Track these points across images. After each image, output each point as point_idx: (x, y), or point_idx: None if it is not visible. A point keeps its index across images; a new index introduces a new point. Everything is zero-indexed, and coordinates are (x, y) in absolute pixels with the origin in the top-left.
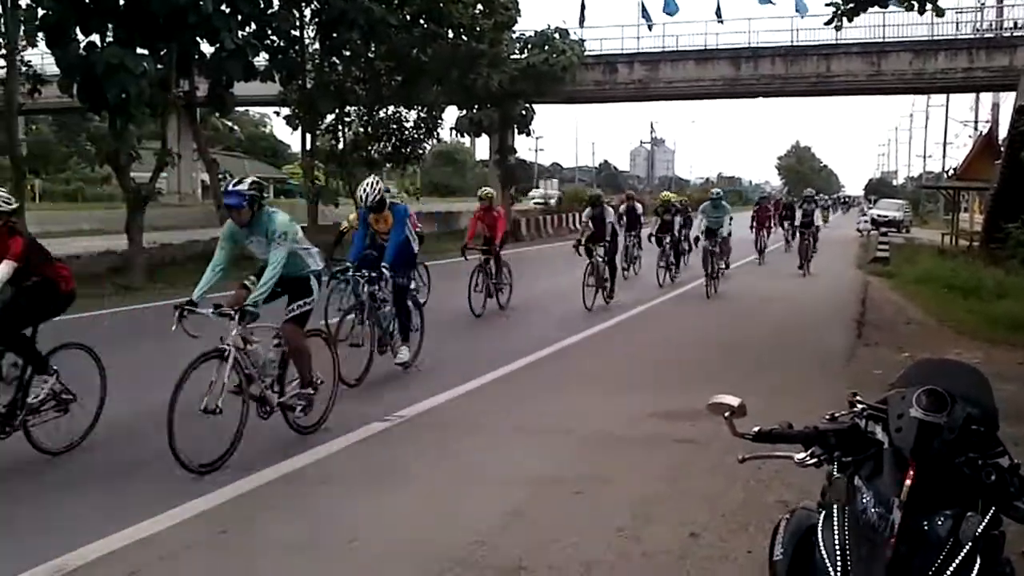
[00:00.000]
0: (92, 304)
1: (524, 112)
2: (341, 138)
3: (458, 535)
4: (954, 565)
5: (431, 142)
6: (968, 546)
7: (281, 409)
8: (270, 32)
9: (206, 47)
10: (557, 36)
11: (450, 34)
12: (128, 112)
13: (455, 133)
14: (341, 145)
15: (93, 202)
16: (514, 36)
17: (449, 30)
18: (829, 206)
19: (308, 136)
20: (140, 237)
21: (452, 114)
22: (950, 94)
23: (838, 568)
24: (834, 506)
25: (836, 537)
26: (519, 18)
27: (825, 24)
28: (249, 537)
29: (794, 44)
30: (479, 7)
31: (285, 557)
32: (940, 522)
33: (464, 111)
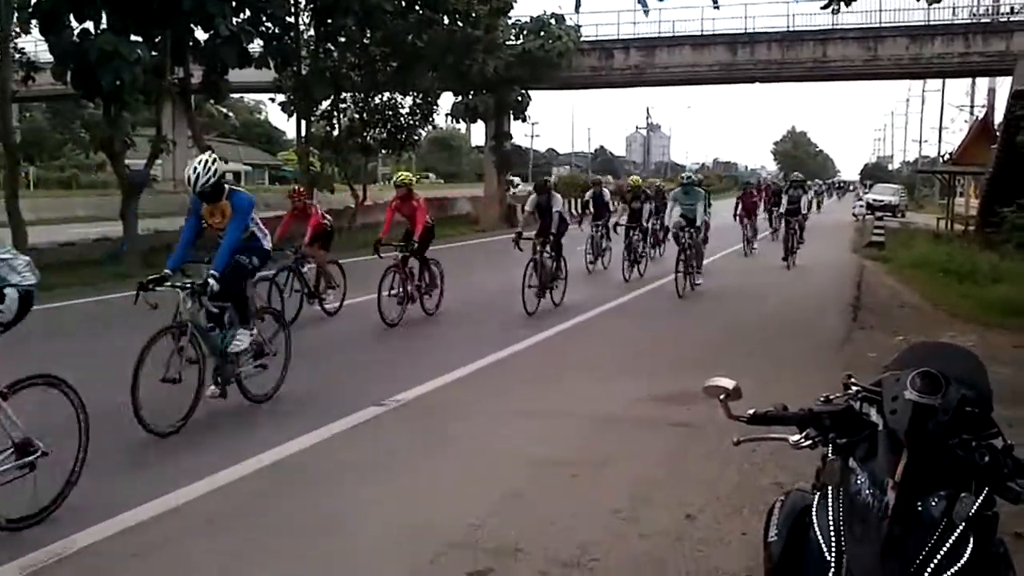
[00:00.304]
0: (88, 291)
1: (520, 98)
2: (336, 124)
3: (453, 518)
4: (947, 546)
5: (427, 128)
6: (962, 527)
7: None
8: (265, 18)
9: (200, 33)
10: (553, 22)
11: (446, 20)
12: (122, 99)
13: (450, 119)
14: (336, 132)
15: (88, 189)
16: (510, 22)
17: (444, 16)
18: (823, 191)
19: (303, 123)
20: (135, 224)
21: (447, 100)
22: (946, 79)
23: (832, 549)
24: (828, 488)
25: (830, 519)
26: (515, 4)
27: (822, 8)
28: (242, 523)
29: (790, 29)
30: None
31: (279, 542)
32: (934, 503)
33: (459, 97)
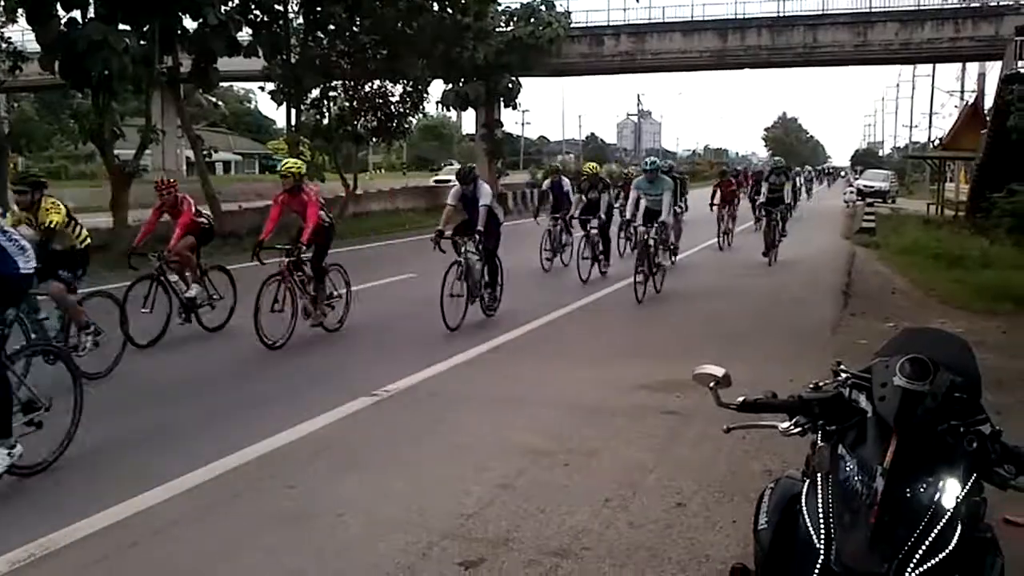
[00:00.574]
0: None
1: (510, 85)
2: (326, 113)
3: (446, 508)
4: (936, 531)
5: (417, 116)
6: (950, 512)
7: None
8: (254, 6)
9: (189, 22)
10: (543, 8)
11: (435, 7)
12: (111, 89)
13: (441, 107)
14: (326, 120)
15: (77, 180)
16: (499, 8)
17: (434, 3)
18: (812, 178)
19: (293, 111)
20: (125, 214)
21: (438, 88)
22: (936, 64)
23: (822, 536)
24: (818, 475)
25: (820, 505)
26: None
27: None
28: (237, 512)
29: (781, 15)
30: None
31: (273, 531)
32: (923, 489)
33: (450, 85)
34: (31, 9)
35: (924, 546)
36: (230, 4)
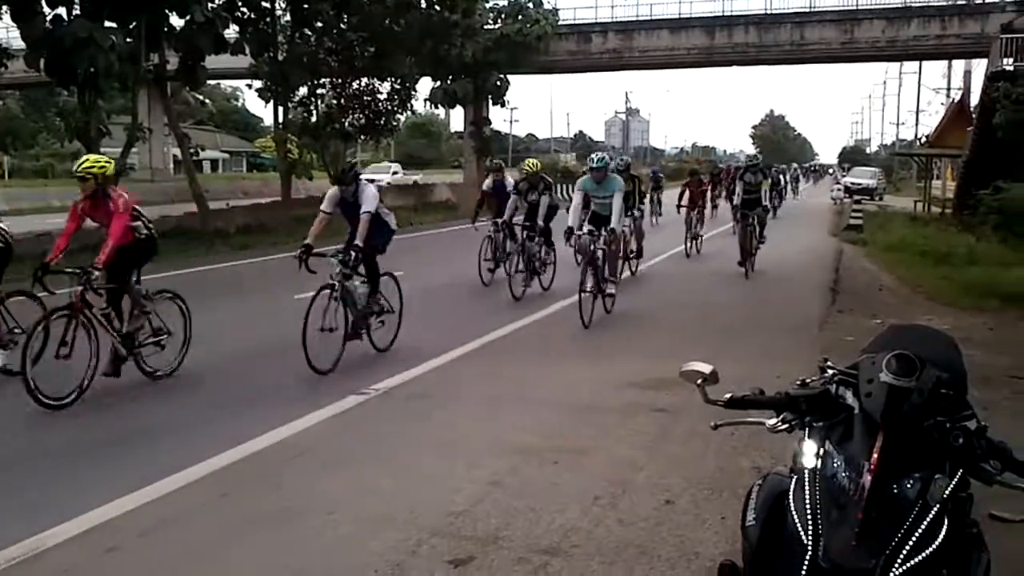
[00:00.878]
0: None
1: (498, 83)
2: (314, 111)
3: (435, 506)
4: (922, 527)
5: (405, 114)
6: (936, 508)
7: None
8: (240, 3)
9: (175, 19)
10: (531, 5)
11: (423, 4)
12: (97, 86)
13: (429, 104)
14: (314, 118)
15: (64, 178)
16: (487, 6)
17: (422, 0)
18: (799, 175)
19: (281, 109)
20: None
21: (426, 85)
22: (923, 61)
23: (809, 532)
24: (805, 471)
25: (807, 502)
26: None
27: None
28: (226, 511)
29: (768, 12)
30: None
31: (262, 530)
32: (909, 485)
33: (438, 82)
34: (16, 6)
35: (911, 542)
36: (217, 1)
